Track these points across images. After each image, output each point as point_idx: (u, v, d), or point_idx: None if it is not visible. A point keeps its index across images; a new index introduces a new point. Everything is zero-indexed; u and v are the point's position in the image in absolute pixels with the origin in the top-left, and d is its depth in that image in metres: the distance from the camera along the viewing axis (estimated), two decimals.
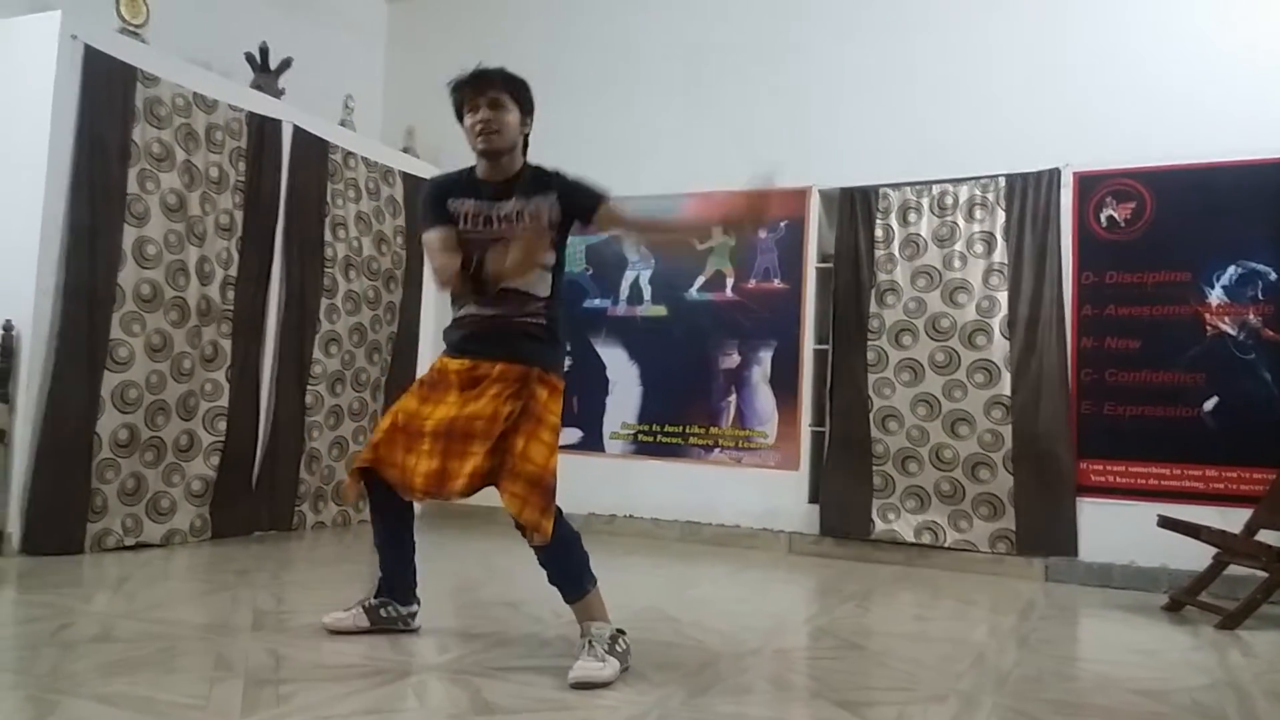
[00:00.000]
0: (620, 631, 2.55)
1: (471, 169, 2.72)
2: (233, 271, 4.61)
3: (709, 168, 5.37)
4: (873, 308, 4.93)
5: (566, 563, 2.56)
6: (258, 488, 4.75)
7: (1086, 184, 4.64)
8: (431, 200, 2.71)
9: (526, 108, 2.67)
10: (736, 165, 5.28)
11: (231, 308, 4.59)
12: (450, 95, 2.67)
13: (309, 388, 5.02)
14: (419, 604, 2.90)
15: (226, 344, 4.57)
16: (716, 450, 5.26)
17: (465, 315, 2.67)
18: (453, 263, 2.61)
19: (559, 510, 2.54)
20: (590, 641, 2.47)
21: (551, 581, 2.59)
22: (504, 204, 2.64)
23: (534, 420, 2.53)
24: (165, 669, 2.37)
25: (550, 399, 2.58)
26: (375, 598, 2.85)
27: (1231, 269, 4.36)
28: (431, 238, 2.68)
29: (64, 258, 3.89)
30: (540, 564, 2.57)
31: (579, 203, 2.65)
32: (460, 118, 2.67)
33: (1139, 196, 4.55)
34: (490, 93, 2.60)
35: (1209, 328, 4.38)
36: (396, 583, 2.85)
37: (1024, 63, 4.83)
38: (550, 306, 2.66)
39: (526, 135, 2.70)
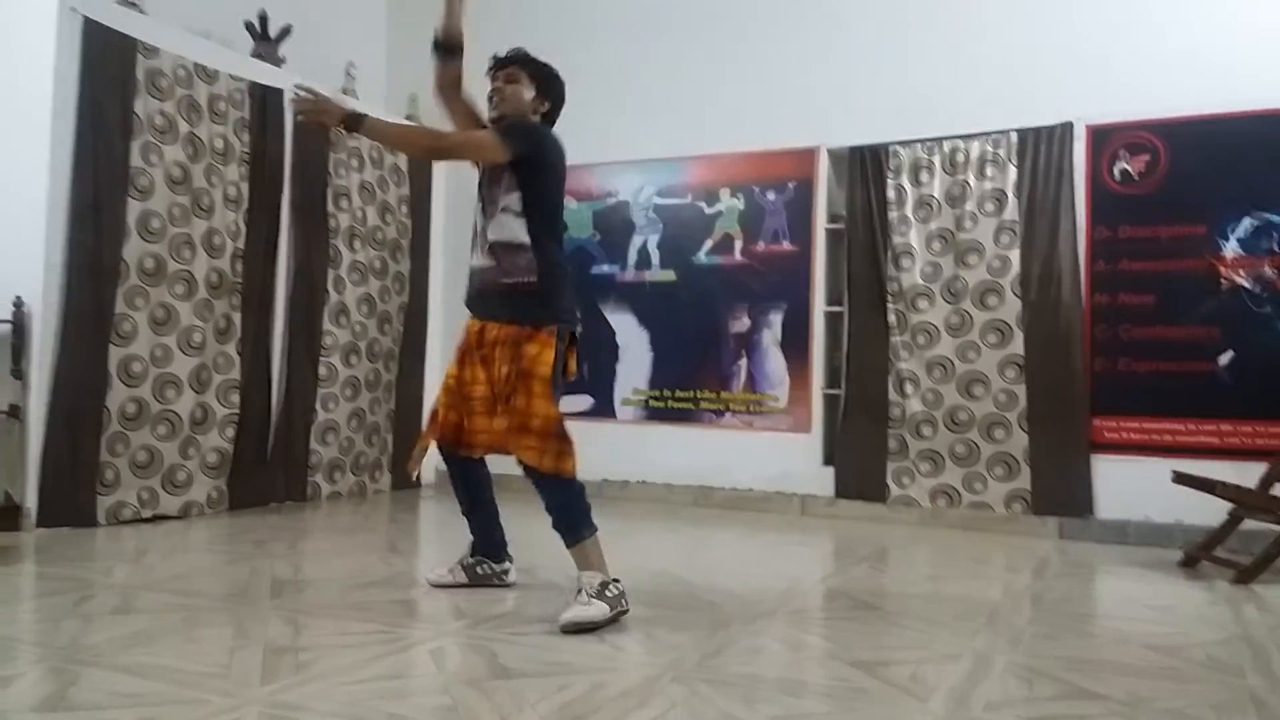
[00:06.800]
0: (614, 580, 2.68)
1: None
2: (241, 244, 4.59)
3: (715, 129, 5.33)
4: (890, 271, 4.89)
5: (569, 510, 2.73)
6: (272, 459, 4.78)
7: (1099, 137, 4.57)
8: None
9: (544, 89, 2.84)
10: (744, 125, 5.31)
11: (241, 280, 4.58)
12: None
13: (321, 359, 5.02)
14: (511, 560, 3.11)
15: (237, 317, 4.57)
16: (728, 414, 5.26)
17: (471, 268, 2.87)
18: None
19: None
20: (580, 589, 2.64)
21: (554, 527, 2.75)
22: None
23: (526, 376, 2.70)
24: (186, 639, 2.39)
25: (541, 352, 2.71)
26: (471, 556, 3.08)
27: (1247, 221, 4.30)
28: None
29: (68, 233, 3.89)
30: (546, 509, 2.74)
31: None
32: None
33: (1153, 149, 4.48)
34: (506, 69, 2.81)
35: (1224, 281, 4.32)
36: (487, 542, 3.08)
37: (1035, 14, 4.73)
38: (540, 259, 2.75)
39: (542, 114, 2.87)
